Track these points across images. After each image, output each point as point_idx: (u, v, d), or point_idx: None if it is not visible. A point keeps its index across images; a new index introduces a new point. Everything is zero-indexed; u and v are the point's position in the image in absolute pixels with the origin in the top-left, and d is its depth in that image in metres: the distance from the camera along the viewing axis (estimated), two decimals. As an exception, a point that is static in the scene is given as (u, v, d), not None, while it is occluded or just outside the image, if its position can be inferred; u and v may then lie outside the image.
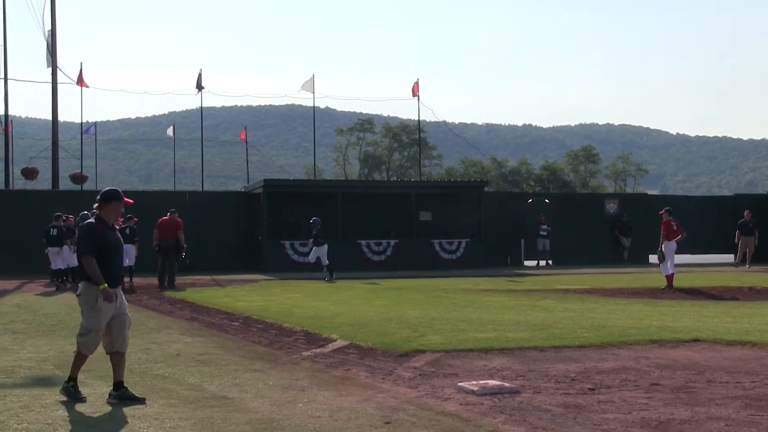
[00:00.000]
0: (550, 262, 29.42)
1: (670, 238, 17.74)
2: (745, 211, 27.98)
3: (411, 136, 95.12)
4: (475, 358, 8.66)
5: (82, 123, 37.79)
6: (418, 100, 37.40)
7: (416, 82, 37.01)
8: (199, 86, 36.76)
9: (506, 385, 7.02)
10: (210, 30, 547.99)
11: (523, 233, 29.50)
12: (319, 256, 22.23)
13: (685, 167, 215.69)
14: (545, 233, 29.25)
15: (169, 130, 46.25)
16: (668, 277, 17.65)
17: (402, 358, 8.63)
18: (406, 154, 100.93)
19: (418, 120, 41.43)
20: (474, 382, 7.09)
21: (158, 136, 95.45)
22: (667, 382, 7.27)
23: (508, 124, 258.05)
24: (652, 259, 26.44)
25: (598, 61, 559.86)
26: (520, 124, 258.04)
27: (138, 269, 21.15)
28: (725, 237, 29.65)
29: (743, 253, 27.31)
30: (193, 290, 18.44)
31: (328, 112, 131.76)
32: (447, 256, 27.77)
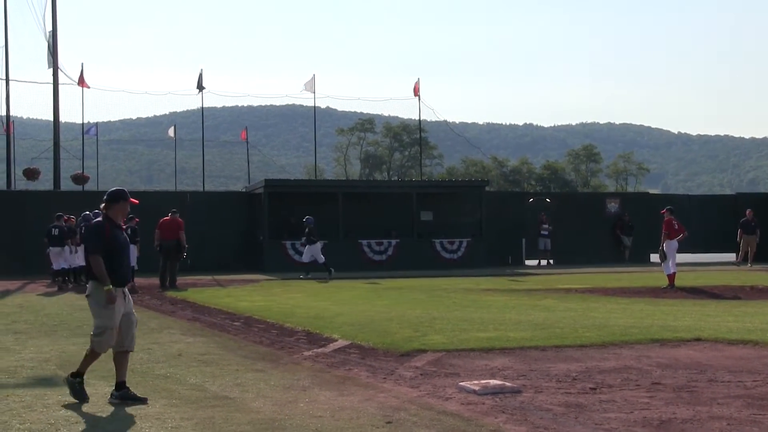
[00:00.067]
0: (551, 262, 29.41)
1: (672, 237, 17.75)
2: (747, 210, 27.98)
3: (412, 136, 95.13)
4: (476, 357, 8.66)
5: (83, 123, 37.75)
6: (419, 99, 37.39)
7: (417, 82, 36.99)
8: (200, 86, 36.74)
9: (508, 384, 7.02)
10: (211, 30, 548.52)
11: (524, 233, 29.50)
12: (313, 254, 22.23)
13: (687, 166, 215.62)
14: (546, 233, 29.24)
15: (170, 131, 46.18)
16: (670, 276, 17.65)
17: (403, 358, 8.63)
18: (407, 153, 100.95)
19: (419, 120, 41.39)
20: (475, 382, 7.09)
21: (159, 136, 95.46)
22: (668, 382, 7.27)
23: (509, 124, 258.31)
24: (654, 258, 26.45)
25: (599, 61, 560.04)
26: (521, 124, 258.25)
27: (139, 269, 21.13)
28: (727, 236, 29.64)
29: (745, 252, 27.32)
30: (195, 290, 18.46)
31: (329, 112, 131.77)
32: (448, 256, 27.76)
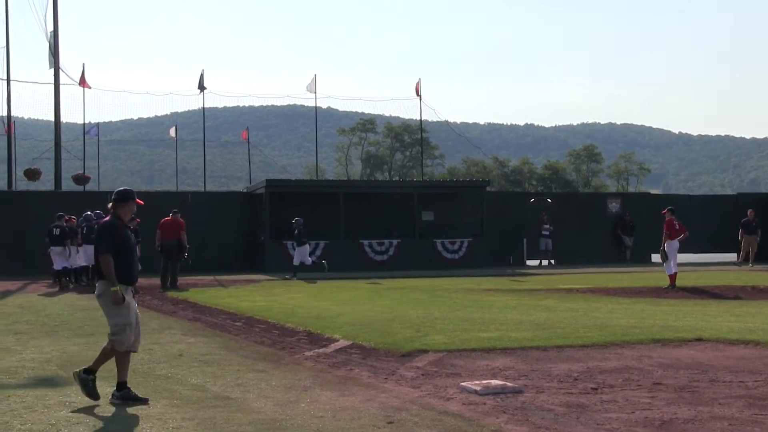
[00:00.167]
0: (553, 262, 29.40)
1: (673, 238, 17.75)
2: (748, 210, 27.97)
3: (413, 136, 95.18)
4: (477, 357, 8.65)
5: (84, 124, 37.77)
6: (420, 99, 37.41)
7: (418, 82, 37.00)
8: (201, 87, 36.77)
9: (509, 384, 7.02)
10: (212, 30, 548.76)
11: (525, 233, 29.49)
12: (301, 256, 22.22)
13: (688, 166, 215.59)
14: (547, 233, 29.22)
15: (172, 131, 46.19)
16: (671, 276, 17.65)
17: (404, 358, 8.62)
18: (408, 153, 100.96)
19: (420, 120, 41.38)
20: (477, 382, 7.08)
21: (160, 136, 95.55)
22: (670, 382, 7.26)
23: (510, 124, 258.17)
24: (655, 258, 26.44)
25: (599, 60, 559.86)
26: (522, 124, 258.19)
27: (141, 270, 21.14)
28: (728, 236, 29.63)
29: (746, 252, 27.30)
30: (196, 290, 18.45)
31: (330, 113, 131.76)
32: (449, 256, 27.75)
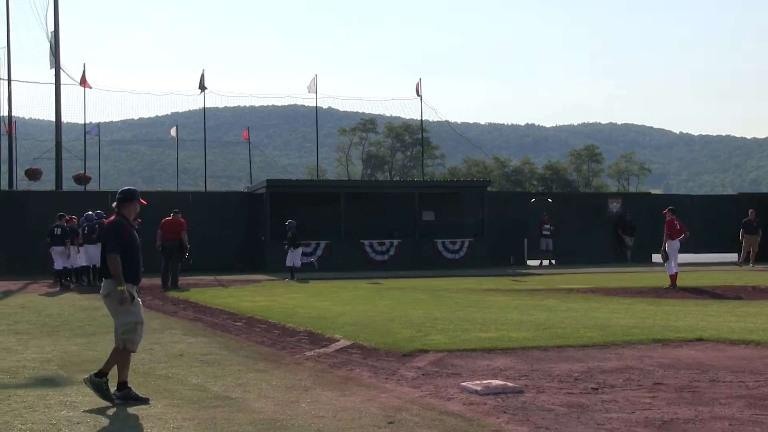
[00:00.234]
0: (553, 262, 29.38)
1: (674, 238, 17.74)
2: (749, 210, 27.95)
3: (414, 136, 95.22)
4: (478, 357, 8.65)
5: (85, 124, 37.83)
6: (421, 99, 37.43)
7: (419, 82, 37.01)
8: (202, 87, 36.79)
9: (509, 384, 7.02)
10: (213, 31, 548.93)
11: (526, 233, 29.47)
12: (293, 259, 22.24)
13: (689, 166, 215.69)
14: (548, 233, 29.21)
15: (172, 131, 46.23)
16: (672, 276, 17.64)
17: (405, 358, 8.62)
18: (409, 153, 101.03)
19: (421, 120, 41.38)
20: (477, 382, 7.09)
21: (161, 136, 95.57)
22: (670, 382, 7.26)
23: (510, 124, 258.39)
24: (656, 258, 26.43)
25: (600, 60, 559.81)
26: (523, 124, 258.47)
27: (143, 270, 21.15)
28: (729, 236, 29.61)
29: (747, 252, 27.27)
30: (197, 290, 18.45)
31: (331, 113, 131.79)
32: (450, 256, 27.75)
